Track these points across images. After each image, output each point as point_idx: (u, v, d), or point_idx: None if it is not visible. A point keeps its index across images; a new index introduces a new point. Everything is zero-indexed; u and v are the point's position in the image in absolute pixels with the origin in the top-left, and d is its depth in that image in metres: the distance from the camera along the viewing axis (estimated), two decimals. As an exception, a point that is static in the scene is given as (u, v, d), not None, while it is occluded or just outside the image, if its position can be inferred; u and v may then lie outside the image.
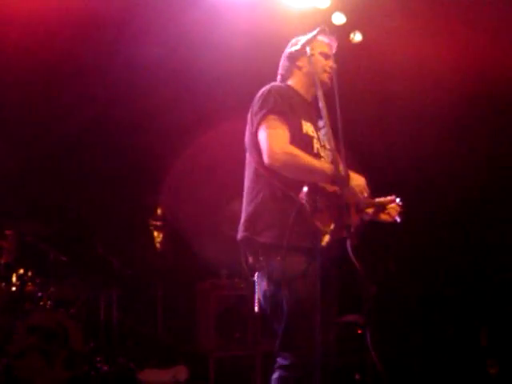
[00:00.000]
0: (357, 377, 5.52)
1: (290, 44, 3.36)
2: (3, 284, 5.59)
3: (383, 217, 3.26)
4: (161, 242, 6.98)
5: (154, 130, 6.80)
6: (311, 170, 2.92)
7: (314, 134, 3.14)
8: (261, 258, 2.94)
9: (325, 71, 3.23)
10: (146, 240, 7.01)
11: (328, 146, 3.15)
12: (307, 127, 3.12)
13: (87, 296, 6.19)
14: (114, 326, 6.35)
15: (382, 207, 3.25)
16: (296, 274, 2.86)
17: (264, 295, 2.96)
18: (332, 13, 5.81)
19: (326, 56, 3.26)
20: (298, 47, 3.22)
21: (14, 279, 5.65)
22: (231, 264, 5.80)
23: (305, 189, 2.81)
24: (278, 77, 3.36)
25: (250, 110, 3.13)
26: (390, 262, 6.80)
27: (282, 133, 2.98)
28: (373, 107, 6.35)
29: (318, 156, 3.06)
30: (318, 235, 2.77)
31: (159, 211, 7.05)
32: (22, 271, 5.71)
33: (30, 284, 5.70)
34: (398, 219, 3.27)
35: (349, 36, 5.98)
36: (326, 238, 2.77)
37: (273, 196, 2.99)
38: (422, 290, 6.69)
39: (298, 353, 2.85)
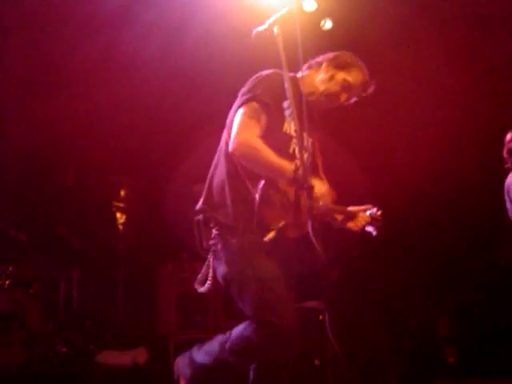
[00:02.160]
0: (316, 362, 5.56)
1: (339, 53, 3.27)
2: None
3: (350, 225, 3.24)
4: (123, 224, 6.95)
5: (120, 112, 6.75)
6: (269, 167, 2.88)
7: (295, 135, 3.03)
8: (214, 241, 2.93)
9: (327, 97, 3.17)
10: (108, 221, 6.97)
11: (311, 149, 3.15)
12: (289, 126, 3.04)
13: (47, 276, 6.13)
14: (73, 307, 6.31)
15: (352, 215, 3.24)
16: (252, 251, 2.86)
17: (224, 278, 2.94)
18: (303, -1, 5.80)
19: (346, 88, 3.17)
20: (334, 59, 3.19)
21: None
22: (193, 247, 5.79)
23: (262, 182, 2.82)
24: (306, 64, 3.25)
25: (242, 89, 3.09)
26: (353, 247, 6.85)
27: (256, 124, 2.94)
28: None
29: (293, 157, 2.96)
30: (263, 230, 2.78)
31: (122, 193, 7.00)
32: (-22, 250, 5.64)
33: (-13, 263, 5.62)
34: (374, 232, 3.26)
35: (319, 23, 5.98)
36: (271, 235, 2.77)
37: (232, 179, 2.97)
38: (383, 276, 6.75)
39: (270, 325, 2.80)
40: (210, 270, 2.96)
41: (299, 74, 3.21)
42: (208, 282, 2.96)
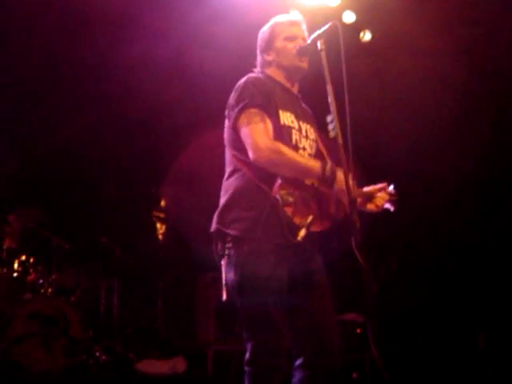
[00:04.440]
0: (354, 376, 5.52)
1: (259, 36, 3.23)
2: (5, 270, 5.62)
3: (369, 207, 3.11)
4: (163, 234, 6.99)
5: (160, 124, 6.83)
6: (296, 168, 2.85)
7: (294, 124, 3.04)
8: (229, 245, 2.85)
9: (295, 56, 3.06)
10: (148, 231, 7.03)
11: (312, 136, 3.11)
12: (286, 117, 3.01)
13: (88, 284, 6.22)
14: (113, 316, 6.38)
15: (370, 197, 3.13)
16: (261, 265, 2.79)
17: (231, 285, 2.88)
18: (342, 11, 5.81)
19: (292, 38, 3.10)
20: (265, 36, 3.15)
21: (15, 265, 5.68)
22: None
23: (278, 182, 2.77)
24: (257, 69, 3.23)
25: (227, 105, 3.03)
26: (392, 261, 6.81)
27: (264, 127, 2.87)
28: (380, 105, 6.35)
29: (296, 147, 2.97)
30: (293, 230, 2.72)
31: (163, 203, 7.06)
32: (24, 258, 5.74)
33: (31, 271, 5.73)
34: (392, 208, 3.12)
35: (358, 35, 5.98)
36: (302, 233, 2.71)
37: (246, 189, 2.90)
38: (422, 289, 6.70)
39: (257, 345, 2.80)
40: (223, 276, 2.89)
41: (268, 72, 3.17)
42: (224, 288, 2.89)
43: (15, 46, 5.92)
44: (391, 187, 3.16)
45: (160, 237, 6.98)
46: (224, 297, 2.89)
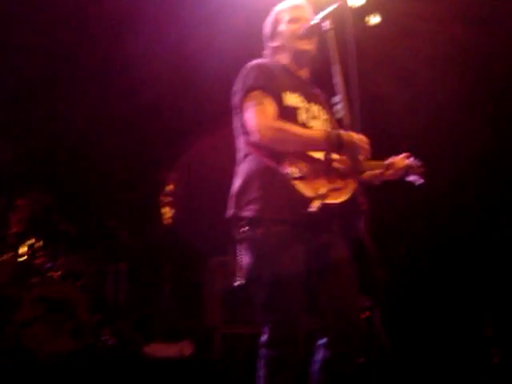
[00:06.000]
0: (361, 360, 5.52)
1: (265, 26, 3.26)
2: (12, 254, 5.64)
3: (388, 173, 3.19)
4: (170, 218, 7.00)
5: (168, 110, 6.83)
6: (301, 141, 2.87)
7: (301, 105, 3.04)
8: (244, 229, 2.88)
9: (300, 38, 3.11)
10: (155, 215, 7.03)
11: (324, 116, 3.11)
12: (291, 99, 3.02)
13: (95, 268, 6.23)
14: (121, 300, 6.40)
15: (390, 167, 3.20)
16: (278, 247, 2.80)
17: (248, 269, 2.89)
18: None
19: (296, 20, 3.14)
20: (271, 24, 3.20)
21: (23, 249, 5.70)
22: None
23: (286, 160, 2.79)
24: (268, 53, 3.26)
25: (233, 92, 3.06)
26: (401, 246, 6.80)
27: (267, 107, 2.91)
28: (389, 89, 6.32)
29: (304, 126, 2.97)
30: (306, 202, 2.72)
31: (169, 187, 7.06)
32: (31, 241, 5.75)
33: (39, 255, 5.74)
34: (420, 180, 3.18)
35: (366, 18, 5.95)
36: (316, 203, 2.70)
37: (257, 170, 2.93)
38: (429, 275, 6.70)
39: (275, 328, 2.81)
40: (238, 261, 2.93)
41: (276, 58, 3.20)
42: (238, 273, 2.93)
43: (20, 40, 5.94)
44: (416, 160, 3.18)
45: (167, 221, 6.98)
46: (241, 281, 2.90)
